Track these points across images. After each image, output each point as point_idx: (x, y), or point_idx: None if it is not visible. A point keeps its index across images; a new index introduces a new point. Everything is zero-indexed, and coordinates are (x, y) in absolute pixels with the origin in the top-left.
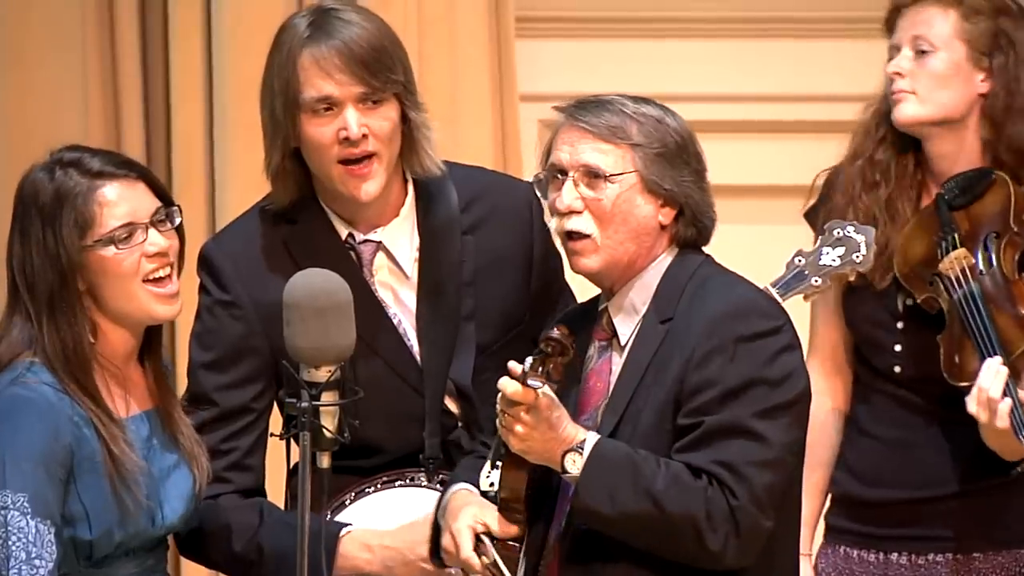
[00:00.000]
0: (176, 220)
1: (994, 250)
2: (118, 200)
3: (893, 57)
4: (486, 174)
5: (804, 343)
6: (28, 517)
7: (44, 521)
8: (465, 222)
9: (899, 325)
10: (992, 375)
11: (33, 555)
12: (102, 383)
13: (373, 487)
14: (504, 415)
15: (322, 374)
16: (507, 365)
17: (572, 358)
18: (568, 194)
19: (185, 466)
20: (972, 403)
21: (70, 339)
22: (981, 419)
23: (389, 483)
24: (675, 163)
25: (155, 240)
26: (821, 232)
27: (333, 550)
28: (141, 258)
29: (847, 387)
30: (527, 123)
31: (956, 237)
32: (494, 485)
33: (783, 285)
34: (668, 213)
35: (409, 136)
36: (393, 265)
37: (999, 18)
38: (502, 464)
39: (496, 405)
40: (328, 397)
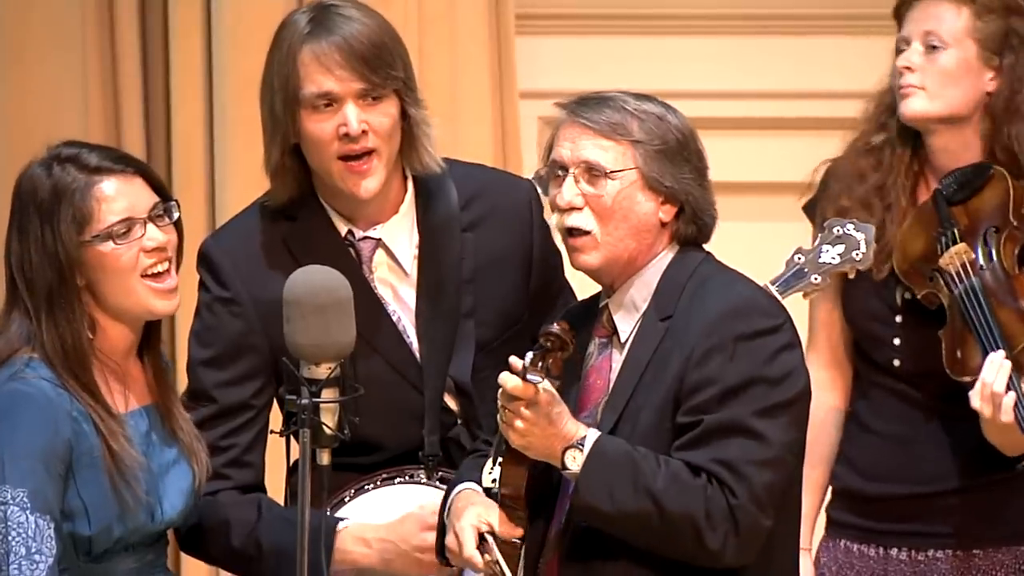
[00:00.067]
0: (174, 215)
1: (994, 245)
2: (116, 195)
3: (902, 50)
4: (486, 171)
5: (804, 341)
6: (28, 513)
7: (44, 516)
8: (465, 219)
9: (898, 319)
10: (995, 369)
11: (33, 550)
12: (101, 379)
13: (373, 484)
14: (505, 411)
15: (322, 371)
16: (507, 360)
17: (572, 353)
18: (569, 190)
19: (184, 462)
20: (976, 398)
21: (69, 335)
22: (985, 414)
23: (389, 480)
24: (676, 160)
25: (153, 235)
26: (821, 229)
27: (331, 546)
28: (139, 253)
29: (847, 383)
30: (527, 120)
31: (955, 232)
32: (496, 482)
33: (783, 283)
34: (669, 210)
35: (409, 133)
36: (392, 262)
37: (1011, 17)
38: (503, 460)
39: (496, 401)
40: (328, 394)
